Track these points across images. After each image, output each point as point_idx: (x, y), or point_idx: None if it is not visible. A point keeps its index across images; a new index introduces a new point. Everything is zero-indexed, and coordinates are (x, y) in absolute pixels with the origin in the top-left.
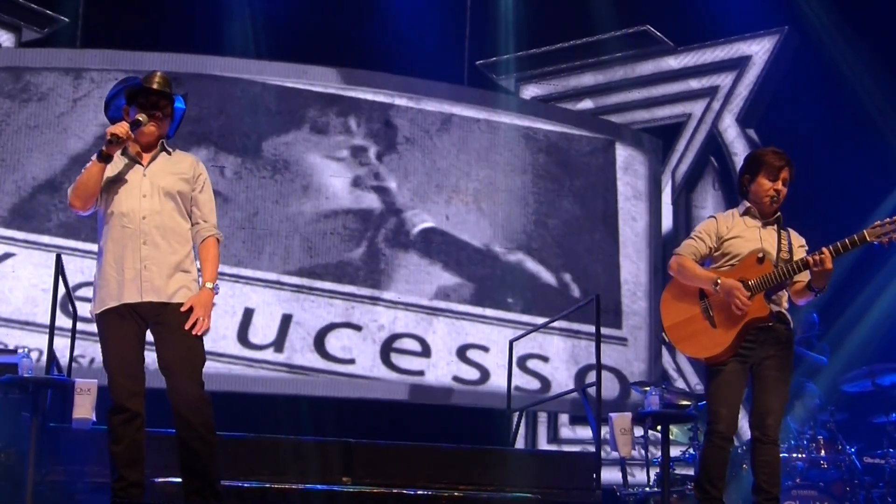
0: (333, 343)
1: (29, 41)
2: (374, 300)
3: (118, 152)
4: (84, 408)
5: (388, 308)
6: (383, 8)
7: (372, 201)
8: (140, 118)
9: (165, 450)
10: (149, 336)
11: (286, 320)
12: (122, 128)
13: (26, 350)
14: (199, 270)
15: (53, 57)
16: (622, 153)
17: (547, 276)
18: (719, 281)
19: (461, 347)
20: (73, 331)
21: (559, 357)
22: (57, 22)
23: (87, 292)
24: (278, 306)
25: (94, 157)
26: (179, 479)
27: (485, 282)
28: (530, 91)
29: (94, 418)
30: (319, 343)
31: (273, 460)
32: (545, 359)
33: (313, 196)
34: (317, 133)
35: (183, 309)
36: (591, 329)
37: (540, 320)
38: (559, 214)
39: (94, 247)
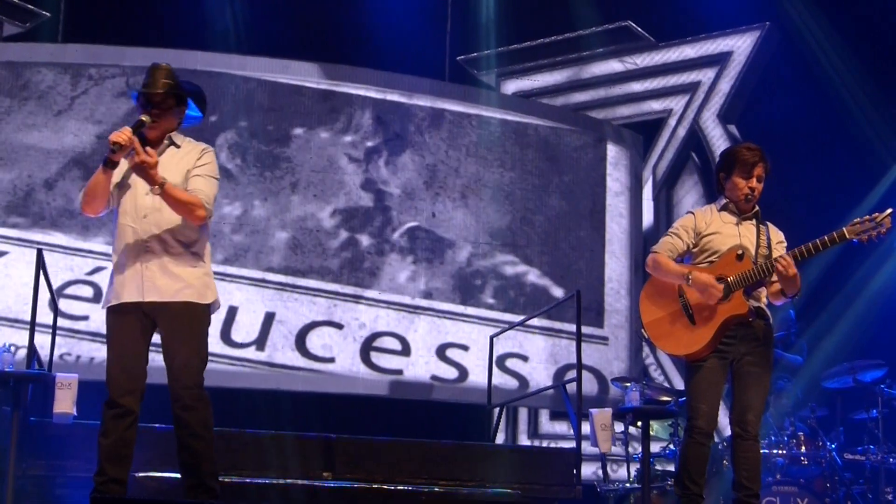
0: (315, 341)
1: (11, 35)
2: (357, 298)
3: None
4: (65, 402)
5: (370, 306)
6: (364, 3)
7: (358, 199)
8: (144, 119)
9: (150, 445)
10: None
11: (269, 318)
12: (123, 135)
13: (6, 345)
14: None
15: (36, 51)
16: (612, 148)
17: (531, 275)
18: (691, 276)
19: (441, 346)
20: (54, 326)
21: (538, 356)
22: (39, 17)
23: (76, 290)
24: (261, 304)
25: (101, 164)
26: (160, 475)
27: (468, 280)
28: (511, 86)
29: (76, 413)
30: (301, 341)
31: (254, 455)
32: (524, 358)
33: (300, 193)
34: (307, 130)
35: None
36: (572, 328)
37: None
38: (545, 211)
39: (84, 244)
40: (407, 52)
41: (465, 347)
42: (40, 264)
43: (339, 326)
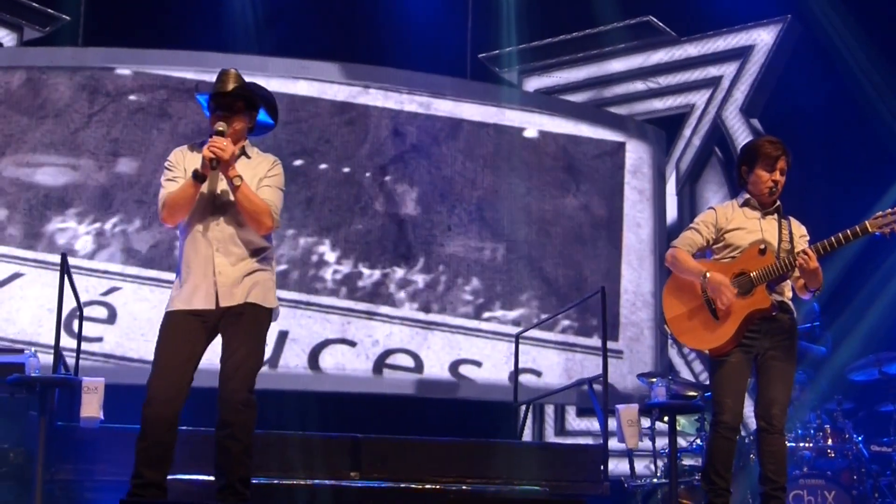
0: (328, 360)
1: (31, 40)
2: (371, 315)
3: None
4: (91, 406)
5: (384, 323)
6: (385, 2)
7: (374, 213)
8: (220, 129)
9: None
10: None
11: (282, 337)
12: (226, 151)
13: (32, 350)
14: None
15: (56, 55)
16: (631, 155)
17: (546, 289)
18: (708, 275)
19: (454, 363)
20: (80, 330)
21: (552, 371)
22: (58, 20)
23: (90, 311)
24: (275, 324)
25: (191, 177)
26: (189, 477)
27: (482, 294)
28: (533, 84)
29: (102, 417)
30: (314, 359)
31: (281, 456)
32: (538, 373)
33: (316, 208)
34: (324, 143)
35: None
36: (587, 342)
37: (538, 334)
38: (562, 222)
39: (98, 265)
40: (428, 51)
41: (478, 363)
42: (64, 268)
43: (353, 344)
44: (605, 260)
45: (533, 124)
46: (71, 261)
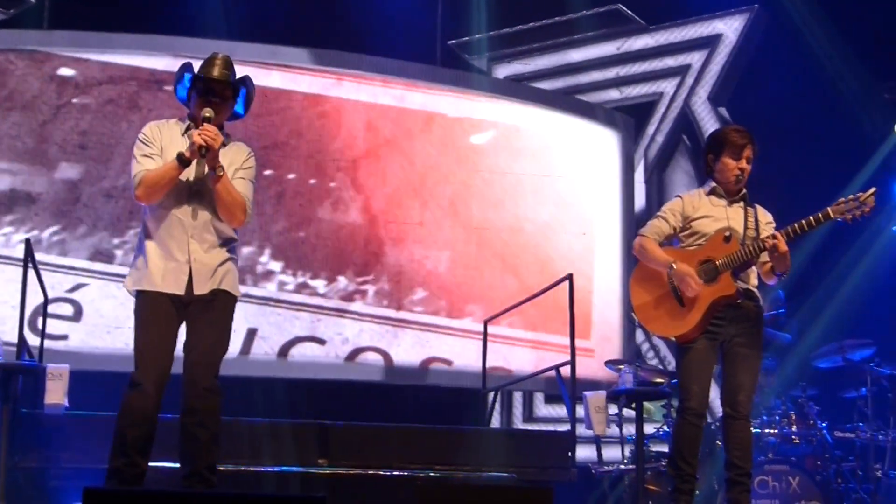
0: (296, 358)
1: None
2: (341, 312)
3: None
4: (56, 393)
5: (355, 321)
6: None
7: (346, 208)
8: (208, 115)
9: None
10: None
11: (251, 335)
12: (213, 137)
13: None
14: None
15: (21, 38)
16: (600, 143)
17: (516, 285)
18: (674, 266)
19: (424, 361)
20: (44, 315)
21: (522, 371)
22: (23, 3)
23: (55, 308)
24: (244, 320)
25: (175, 160)
26: (154, 464)
27: (453, 292)
28: (503, 71)
29: (67, 404)
30: (282, 357)
31: (249, 443)
32: (508, 372)
33: (286, 203)
34: (295, 137)
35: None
36: (557, 339)
37: (510, 332)
38: (537, 218)
39: (64, 261)
40: (398, 37)
41: (448, 362)
42: (28, 253)
43: (322, 342)
44: (575, 249)
45: (502, 112)
46: (37, 257)
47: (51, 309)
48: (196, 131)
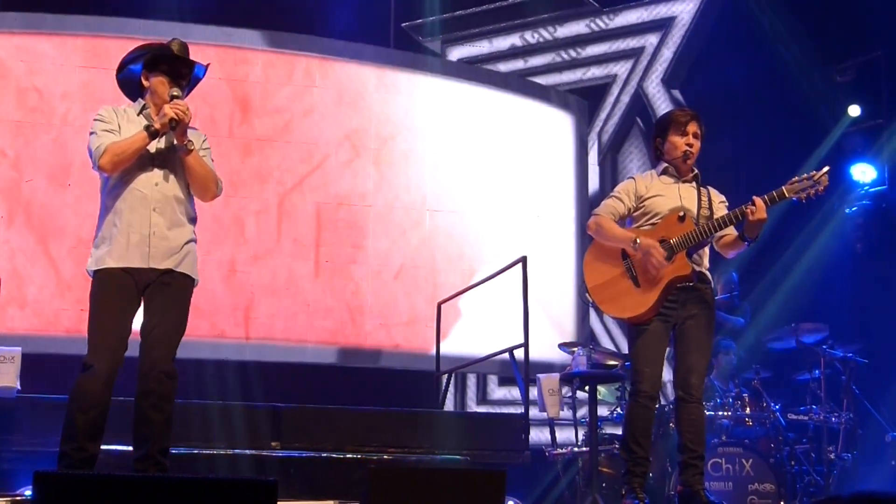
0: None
1: None
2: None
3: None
4: (8, 376)
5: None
6: None
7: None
8: (176, 93)
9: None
10: None
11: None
12: (187, 114)
13: None
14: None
15: None
16: (553, 125)
17: (469, 264)
18: (639, 240)
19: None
20: None
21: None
22: None
23: None
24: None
25: (143, 131)
26: (105, 447)
27: (409, 273)
28: (456, 53)
29: (19, 387)
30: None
31: (202, 426)
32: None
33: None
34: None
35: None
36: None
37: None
38: (486, 194)
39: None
40: (351, 19)
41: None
42: None
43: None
44: (527, 231)
45: (456, 94)
46: None
47: None
48: (168, 105)
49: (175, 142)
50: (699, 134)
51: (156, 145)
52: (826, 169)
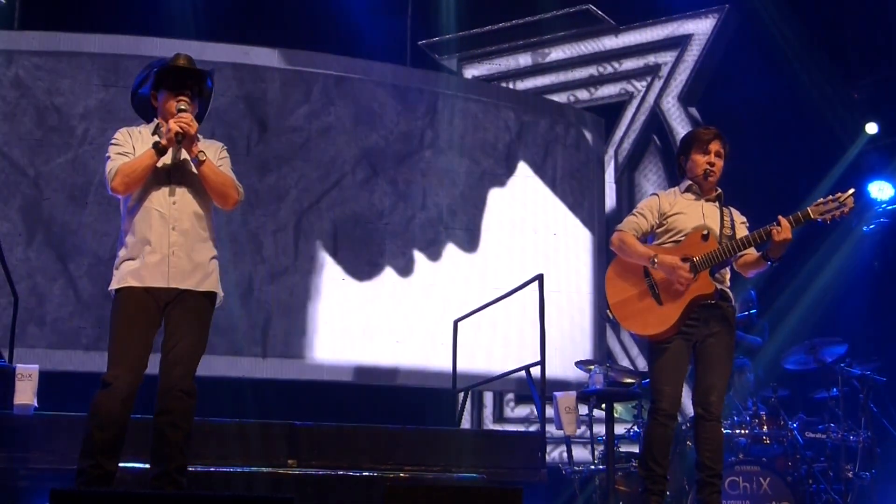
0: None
1: None
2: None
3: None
4: (25, 394)
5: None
6: None
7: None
8: (183, 106)
9: None
10: None
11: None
12: (188, 123)
13: None
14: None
15: None
16: (570, 143)
17: (483, 281)
18: (657, 259)
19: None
20: (14, 315)
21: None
22: None
23: None
24: None
25: (151, 148)
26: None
27: (423, 288)
28: (473, 71)
29: (36, 404)
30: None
31: (218, 444)
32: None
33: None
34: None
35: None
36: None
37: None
38: (502, 211)
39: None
40: (368, 37)
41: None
42: None
43: None
44: (544, 249)
45: (472, 112)
46: None
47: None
48: (172, 119)
49: (187, 155)
50: (722, 153)
51: (170, 161)
52: (852, 191)
